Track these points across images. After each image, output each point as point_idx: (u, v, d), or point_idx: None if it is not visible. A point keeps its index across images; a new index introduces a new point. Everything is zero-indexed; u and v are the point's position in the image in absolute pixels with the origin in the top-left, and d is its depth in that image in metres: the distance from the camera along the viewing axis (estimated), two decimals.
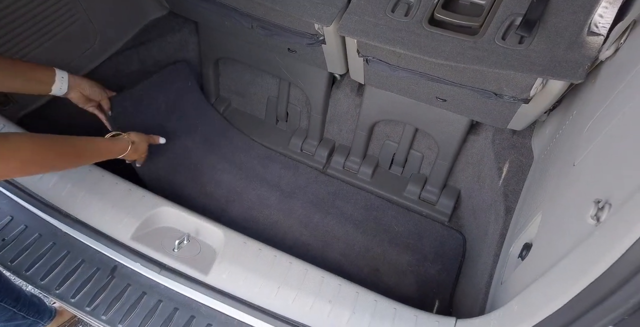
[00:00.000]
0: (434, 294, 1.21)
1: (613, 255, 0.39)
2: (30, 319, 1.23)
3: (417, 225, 1.39)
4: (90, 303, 0.79)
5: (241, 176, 1.45)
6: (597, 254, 0.42)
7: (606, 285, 0.40)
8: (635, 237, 0.37)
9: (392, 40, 0.95)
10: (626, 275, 0.38)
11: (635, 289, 0.38)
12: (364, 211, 1.41)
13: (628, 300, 0.38)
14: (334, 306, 0.77)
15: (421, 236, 1.36)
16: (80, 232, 0.84)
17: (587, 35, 0.79)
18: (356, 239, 1.32)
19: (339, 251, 1.28)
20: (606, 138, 0.56)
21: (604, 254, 0.41)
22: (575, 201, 0.55)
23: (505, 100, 0.96)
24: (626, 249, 0.38)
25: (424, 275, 1.25)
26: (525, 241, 0.75)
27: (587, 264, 0.43)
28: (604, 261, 0.40)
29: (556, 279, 0.50)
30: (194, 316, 0.80)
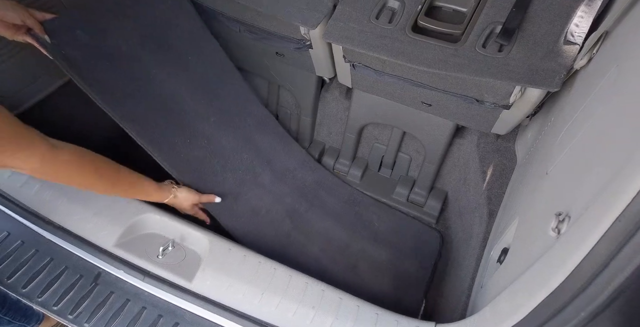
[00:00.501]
0: (407, 292, 1.21)
1: (567, 268, 0.41)
2: (16, 324, 1.22)
3: (397, 222, 1.40)
4: (73, 311, 0.79)
5: (235, 136, 1.22)
6: (554, 267, 0.43)
7: (561, 298, 0.41)
8: (585, 251, 0.39)
9: (376, 47, 0.95)
10: (578, 289, 0.39)
11: (587, 301, 0.39)
12: (346, 205, 1.41)
13: (579, 313, 0.40)
14: (317, 312, 0.78)
15: (400, 233, 1.36)
16: (64, 240, 0.84)
17: (564, 44, 0.81)
18: (336, 234, 1.31)
19: (319, 245, 1.27)
20: (572, 149, 0.58)
21: (560, 267, 0.42)
22: (543, 211, 0.57)
23: (486, 106, 0.97)
24: (578, 263, 0.39)
25: (401, 273, 1.26)
26: (504, 245, 0.77)
27: (546, 277, 0.44)
28: (560, 274, 0.42)
29: (520, 289, 0.51)
30: (178, 323, 0.80)
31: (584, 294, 0.39)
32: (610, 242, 0.37)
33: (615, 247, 0.37)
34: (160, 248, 0.84)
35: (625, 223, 0.36)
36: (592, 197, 0.42)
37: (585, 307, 0.39)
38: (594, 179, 0.44)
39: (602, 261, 0.38)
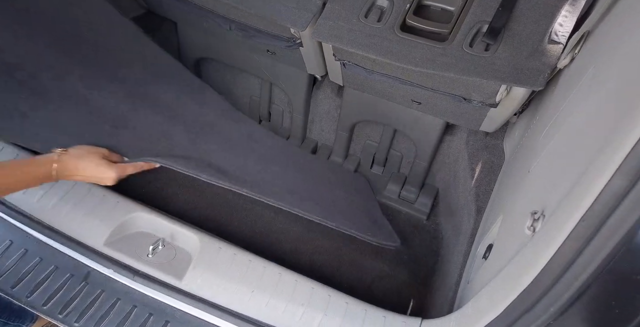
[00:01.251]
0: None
1: (538, 266, 0.42)
2: (11, 324, 1.22)
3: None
4: (63, 310, 0.79)
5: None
6: (527, 265, 0.45)
7: (533, 294, 0.43)
8: (553, 250, 0.40)
9: (365, 46, 0.96)
10: (547, 286, 0.41)
11: (555, 298, 0.40)
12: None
13: (548, 308, 0.41)
14: (307, 309, 0.79)
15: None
16: (53, 239, 0.84)
17: (548, 43, 0.82)
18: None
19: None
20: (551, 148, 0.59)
21: (532, 265, 0.43)
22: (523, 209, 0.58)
23: (474, 104, 0.98)
24: (547, 261, 0.41)
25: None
26: (489, 241, 0.78)
27: (520, 274, 0.46)
28: (532, 272, 0.43)
29: (498, 286, 0.52)
30: (168, 321, 0.81)
31: (553, 291, 0.40)
32: (576, 241, 0.38)
33: (580, 245, 0.38)
34: (150, 247, 0.85)
35: (588, 223, 0.37)
36: (562, 197, 0.43)
37: (554, 303, 0.40)
38: (566, 178, 0.45)
39: (568, 260, 0.39)
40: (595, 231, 0.36)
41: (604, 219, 0.36)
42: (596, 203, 0.36)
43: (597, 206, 0.36)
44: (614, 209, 0.35)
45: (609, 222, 0.35)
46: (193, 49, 1.55)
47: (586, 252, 0.37)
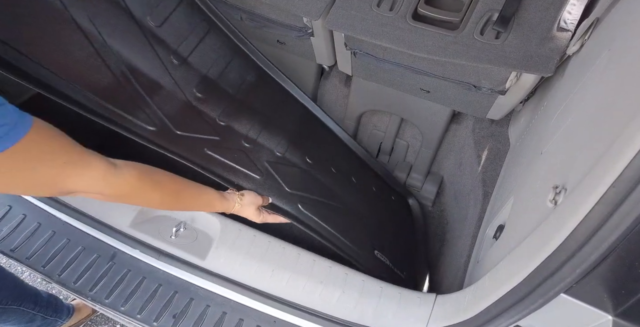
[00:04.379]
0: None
1: (563, 234, 0.46)
2: (49, 319, 1.26)
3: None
4: (92, 288, 0.83)
5: None
6: (550, 234, 0.48)
7: (557, 259, 0.46)
8: (580, 217, 0.44)
9: (378, 35, 0.98)
10: (573, 250, 0.44)
11: (580, 261, 0.44)
12: None
13: (574, 270, 0.45)
14: (325, 286, 0.83)
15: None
16: (80, 221, 0.87)
17: (557, 30, 0.85)
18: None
19: None
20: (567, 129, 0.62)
21: (556, 233, 0.47)
22: (539, 186, 0.61)
23: (483, 92, 1.01)
24: (574, 227, 0.44)
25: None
26: (499, 222, 0.82)
27: (542, 243, 0.49)
28: (556, 239, 0.47)
29: (519, 257, 0.56)
30: (192, 299, 0.85)
31: (580, 253, 0.44)
32: (605, 206, 0.42)
33: (610, 210, 0.42)
34: (174, 229, 0.88)
35: (618, 189, 0.41)
36: (586, 170, 0.46)
37: (580, 264, 0.44)
38: (588, 154, 0.48)
39: (597, 224, 0.43)
40: (625, 196, 0.40)
41: (635, 184, 0.39)
42: (628, 169, 0.39)
43: (629, 172, 0.39)
44: None
45: (639, 187, 0.39)
46: None
47: (615, 216, 0.41)
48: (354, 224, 1.15)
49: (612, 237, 0.42)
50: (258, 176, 0.98)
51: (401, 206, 1.45)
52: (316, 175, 1.13)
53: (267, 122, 1.08)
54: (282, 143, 1.08)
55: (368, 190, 1.32)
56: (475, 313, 0.61)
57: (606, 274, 0.44)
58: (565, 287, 0.47)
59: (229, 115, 1.00)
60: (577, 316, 0.50)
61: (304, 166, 1.11)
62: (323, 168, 1.15)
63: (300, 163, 1.11)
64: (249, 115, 1.05)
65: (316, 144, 1.19)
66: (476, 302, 0.62)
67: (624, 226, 0.41)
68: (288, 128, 1.13)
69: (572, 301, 0.48)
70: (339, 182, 1.17)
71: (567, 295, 0.48)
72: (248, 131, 1.03)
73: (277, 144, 1.08)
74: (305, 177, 1.10)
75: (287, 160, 1.09)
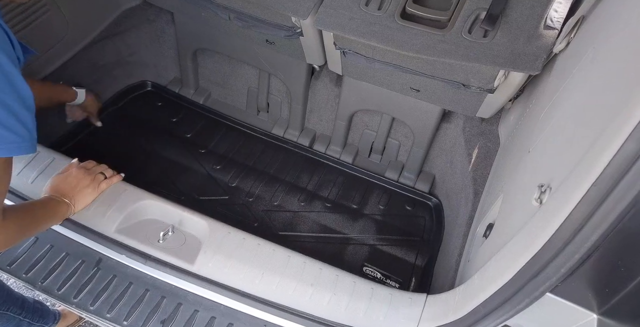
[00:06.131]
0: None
1: (547, 233, 0.45)
2: (36, 325, 1.24)
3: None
4: (77, 295, 0.81)
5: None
6: (536, 232, 0.48)
7: (542, 259, 0.46)
8: (564, 216, 0.43)
9: (367, 34, 0.98)
10: (557, 249, 0.44)
11: (564, 260, 0.44)
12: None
13: (559, 270, 0.45)
14: (316, 289, 0.82)
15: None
16: (63, 226, 0.85)
17: (544, 29, 0.85)
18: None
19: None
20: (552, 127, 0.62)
21: (541, 232, 0.47)
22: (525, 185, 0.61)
23: (472, 90, 1.01)
24: (557, 227, 0.44)
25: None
26: (489, 221, 0.82)
27: (528, 242, 0.49)
28: (541, 238, 0.46)
29: (506, 255, 0.56)
30: (181, 303, 0.83)
31: (564, 253, 0.43)
32: (587, 205, 0.42)
33: (592, 209, 0.41)
34: (161, 233, 0.87)
35: (599, 187, 0.40)
36: (571, 169, 0.46)
37: (564, 263, 0.44)
38: (572, 153, 0.48)
39: (579, 223, 0.42)
40: (606, 194, 0.39)
41: (615, 182, 0.39)
42: (609, 167, 0.39)
43: (610, 170, 0.39)
44: (626, 172, 0.38)
45: (620, 184, 0.38)
46: (190, 39, 1.55)
47: (597, 215, 0.40)
48: (344, 247, 1.32)
49: (594, 236, 0.41)
50: (254, 224, 1.26)
51: (418, 214, 1.46)
52: (308, 214, 1.39)
53: (267, 177, 1.44)
54: (277, 193, 1.42)
55: (373, 209, 1.44)
56: (464, 313, 0.61)
57: (590, 273, 0.44)
58: (550, 286, 0.47)
59: (236, 177, 1.42)
60: (563, 314, 0.50)
61: (296, 209, 1.39)
62: (315, 207, 1.41)
63: (293, 207, 1.40)
64: (254, 174, 1.44)
65: (312, 185, 1.46)
66: (465, 303, 0.62)
67: (606, 224, 0.41)
68: (285, 180, 1.45)
69: (557, 300, 0.48)
70: (331, 215, 1.40)
71: (553, 294, 0.48)
72: (250, 187, 1.41)
73: (272, 195, 1.41)
74: (296, 219, 1.37)
75: (281, 207, 1.40)
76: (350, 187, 1.48)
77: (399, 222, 1.40)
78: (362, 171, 1.53)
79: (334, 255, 1.03)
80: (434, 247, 1.32)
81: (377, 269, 1.25)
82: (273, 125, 1.63)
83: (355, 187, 1.48)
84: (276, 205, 1.39)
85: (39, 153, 0.91)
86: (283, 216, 1.37)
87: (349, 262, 1.22)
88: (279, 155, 1.53)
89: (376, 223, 1.39)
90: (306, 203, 1.41)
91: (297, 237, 1.32)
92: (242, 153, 1.50)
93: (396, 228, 1.39)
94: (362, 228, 1.37)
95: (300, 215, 1.38)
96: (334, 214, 1.40)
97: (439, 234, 1.36)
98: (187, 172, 1.41)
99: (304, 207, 1.40)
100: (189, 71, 1.65)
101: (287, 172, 1.48)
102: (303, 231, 1.35)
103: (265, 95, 1.63)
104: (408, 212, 1.44)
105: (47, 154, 0.91)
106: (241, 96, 1.67)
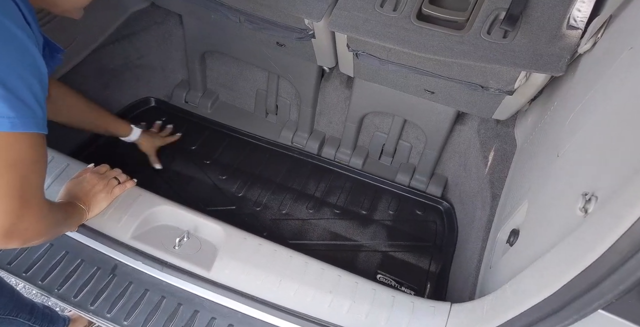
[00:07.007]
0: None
1: (603, 246, 0.43)
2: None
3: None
4: (94, 302, 0.80)
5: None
6: (587, 245, 0.45)
7: (597, 272, 0.43)
8: (623, 229, 0.41)
9: (382, 36, 0.96)
10: (615, 264, 0.41)
11: (625, 275, 0.41)
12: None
13: (617, 286, 0.42)
14: (335, 296, 0.80)
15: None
16: (78, 233, 0.84)
17: (567, 29, 0.83)
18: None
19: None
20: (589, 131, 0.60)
21: (594, 244, 0.44)
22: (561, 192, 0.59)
23: (490, 92, 0.99)
24: (615, 240, 0.41)
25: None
26: (512, 227, 0.80)
27: (578, 254, 0.46)
28: (595, 251, 0.43)
29: (548, 267, 0.53)
30: (197, 311, 0.82)
31: (624, 268, 0.40)
32: None
33: None
34: (177, 239, 0.85)
35: None
36: (621, 178, 0.44)
37: (624, 280, 0.41)
38: (620, 160, 0.46)
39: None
40: None
41: None
42: None
43: None
44: None
45: None
46: (199, 42, 1.54)
47: None
48: (356, 255, 1.29)
49: None
50: (264, 233, 1.22)
51: (429, 219, 1.44)
52: (317, 222, 1.37)
53: (274, 186, 1.42)
54: (285, 201, 1.40)
55: (382, 215, 1.41)
56: (495, 325, 0.59)
57: None
58: (604, 303, 0.44)
59: (243, 187, 1.41)
60: None
61: (305, 217, 1.38)
62: (324, 214, 1.40)
63: (302, 215, 1.38)
64: (261, 183, 1.43)
65: (320, 191, 1.45)
66: (497, 314, 0.60)
67: None
68: (292, 187, 1.43)
69: (611, 318, 0.45)
70: (341, 221, 1.38)
71: (606, 311, 0.45)
72: (257, 197, 1.39)
73: (280, 203, 1.39)
74: (305, 227, 1.35)
75: (290, 215, 1.37)
76: (358, 192, 1.46)
77: (409, 228, 1.38)
78: (370, 176, 1.51)
79: (346, 263, 1.01)
80: (447, 253, 1.30)
81: (390, 277, 1.23)
82: (281, 127, 1.62)
83: (364, 193, 1.46)
84: (284, 213, 1.36)
85: (53, 159, 0.90)
86: (292, 225, 1.34)
87: (362, 270, 1.20)
88: (285, 163, 1.50)
89: (387, 229, 1.37)
90: (315, 210, 1.39)
91: (307, 246, 1.29)
92: (248, 162, 1.48)
93: (407, 234, 1.36)
94: (372, 234, 1.35)
95: (310, 223, 1.35)
96: (344, 221, 1.37)
97: (452, 238, 1.34)
98: (193, 183, 1.39)
99: (312, 215, 1.38)
100: (196, 74, 1.64)
101: (294, 180, 1.45)
102: (313, 239, 1.32)
103: (274, 97, 1.62)
104: (418, 217, 1.42)
105: (62, 159, 0.90)
106: (249, 99, 1.66)
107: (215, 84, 1.68)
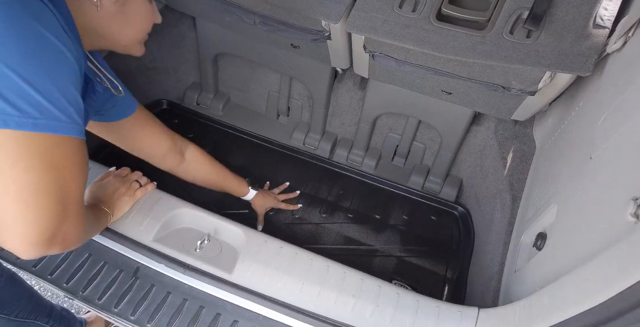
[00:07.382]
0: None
1: None
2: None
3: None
4: (117, 304, 0.80)
5: None
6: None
7: None
8: None
9: (402, 37, 0.95)
10: None
11: None
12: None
13: None
14: (358, 300, 0.79)
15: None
16: (101, 235, 0.84)
17: (593, 28, 0.82)
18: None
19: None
20: (629, 134, 0.58)
21: None
22: (601, 196, 0.57)
23: (512, 93, 0.98)
24: None
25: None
26: (538, 230, 0.79)
27: (630, 263, 0.44)
28: None
29: (593, 276, 0.50)
30: (220, 314, 0.82)
31: None
32: None
33: None
34: (198, 242, 0.85)
35: None
36: None
37: None
38: None
39: None
40: None
41: None
42: None
43: None
44: None
45: None
46: (212, 44, 1.54)
47: None
48: (370, 260, 1.29)
49: None
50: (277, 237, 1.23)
51: (443, 224, 1.43)
52: (331, 226, 1.36)
53: (286, 189, 1.40)
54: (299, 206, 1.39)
55: (397, 219, 1.41)
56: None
57: None
58: None
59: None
60: None
61: (318, 221, 1.37)
62: (338, 218, 1.39)
63: (315, 219, 1.38)
64: (273, 187, 1.39)
65: (333, 196, 1.45)
66: (532, 321, 0.58)
67: None
68: (305, 192, 1.44)
69: None
70: (354, 226, 1.38)
71: None
72: None
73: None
74: (319, 231, 1.35)
75: (303, 219, 1.37)
76: (371, 197, 1.45)
77: (424, 232, 1.37)
78: (383, 180, 1.51)
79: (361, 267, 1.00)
80: (464, 257, 1.29)
81: (405, 283, 1.22)
82: (293, 129, 1.62)
83: (377, 197, 1.46)
84: (298, 218, 1.36)
85: None
86: (305, 229, 1.34)
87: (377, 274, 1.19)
88: (297, 166, 1.50)
89: (401, 234, 1.36)
90: (328, 215, 1.38)
91: (321, 250, 1.27)
92: (260, 166, 1.48)
93: (422, 238, 1.35)
94: (387, 239, 1.34)
95: (323, 227, 1.34)
96: (357, 225, 1.37)
97: (469, 243, 1.33)
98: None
99: (326, 219, 1.37)
100: (208, 76, 1.65)
101: (307, 184, 1.45)
102: (327, 243, 1.31)
103: (286, 99, 1.61)
104: (433, 222, 1.41)
105: None
106: (261, 100, 1.66)
107: (227, 86, 1.68)
